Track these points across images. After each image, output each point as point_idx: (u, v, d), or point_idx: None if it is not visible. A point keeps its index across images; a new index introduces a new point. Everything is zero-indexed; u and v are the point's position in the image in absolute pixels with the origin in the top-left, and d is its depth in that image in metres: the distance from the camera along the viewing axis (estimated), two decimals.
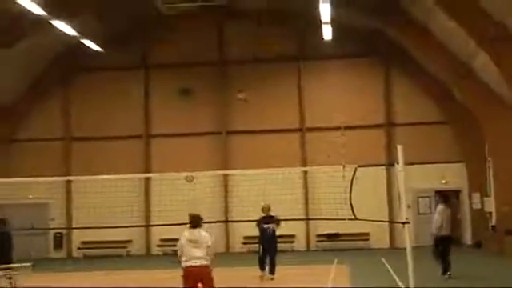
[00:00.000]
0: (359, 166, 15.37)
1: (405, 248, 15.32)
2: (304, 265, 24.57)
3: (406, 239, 15.29)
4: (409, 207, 16.83)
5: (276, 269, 18.89)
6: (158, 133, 32.08)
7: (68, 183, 31.08)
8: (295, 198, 27.84)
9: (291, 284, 18.61)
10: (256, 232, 19.37)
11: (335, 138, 30.00)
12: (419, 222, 29.60)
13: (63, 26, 25.49)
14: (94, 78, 32.56)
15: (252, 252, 29.20)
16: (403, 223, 15.55)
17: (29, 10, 22.95)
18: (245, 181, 26.57)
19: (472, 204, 29.84)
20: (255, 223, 19.07)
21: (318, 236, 30.80)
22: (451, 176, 30.37)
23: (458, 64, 25.65)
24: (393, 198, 29.99)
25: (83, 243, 31.58)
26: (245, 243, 28.97)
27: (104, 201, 23.09)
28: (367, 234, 29.97)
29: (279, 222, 19.02)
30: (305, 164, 30.48)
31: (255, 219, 19.19)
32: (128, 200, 27.08)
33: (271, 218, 18.95)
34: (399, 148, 15.64)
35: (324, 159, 27.06)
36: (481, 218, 28.90)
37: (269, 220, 18.90)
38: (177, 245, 11.49)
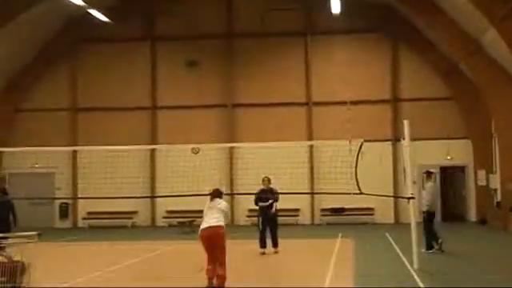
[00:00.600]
0: (365, 141, 15.40)
1: (409, 223, 15.39)
2: (309, 238, 24.67)
3: (411, 214, 15.36)
4: (414, 183, 16.83)
5: (279, 241, 18.94)
6: (164, 105, 32.03)
7: (74, 153, 31.20)
8: (301, 171, 27.87)
9: (296, 257, 18.70)
10: None
11: (341, 113, 30.05)
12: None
13: None
14: (101, 48, 32.48)
15: (256, 225, 29.38)
16: (408, 198, 15.63)
17: None
18: (250, 154, 26.67)
19: (477, 180, 29.84)
20: (254, 198, 19.06)
21: (323, 210, 30.87)
22: (457, 152, 30.32)
23: (467, 40, 25.47)
24: (398, 174, 30.00)
25: (89, 213, 31.74)
26: (249, 216, 29.04)
27: (110, 171, 23.16)
28: (372, 208, 30.04)
29: (277, 197, 18.96)
30: (311, 138, 30.46)
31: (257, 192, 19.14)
32: (134, 171, 27.27)
33: (270, 191, 18.91)
34: (405, 123, 15.65)
35: (330, 133, 27.08)
36: (486, 195, 28.92)
37: (267, 193, 18.85)
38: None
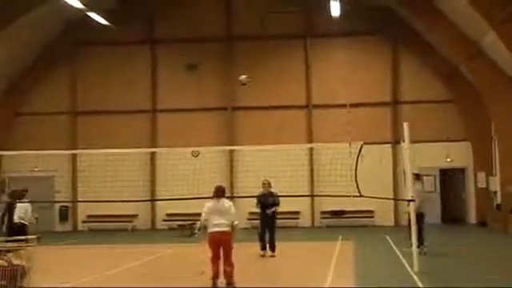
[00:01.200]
0: (365, 144, 15.40)
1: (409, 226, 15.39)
2: (309, 241, 24.67)
3: (411, 217, 15.36)
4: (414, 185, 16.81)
5: (276, 246, 18.95)
6: (164, 108, 32.05)
7: (74, 156, 31.20)
8: (300, 174, 27.85)
9: (296, 259, 18.69)
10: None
11: (341, 116, 30.06)
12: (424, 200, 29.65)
13: None
14: (101, 51, 32.48)
15: (256, 228, 29.34)
16: (408, 201, 15.63)
17: None
18: (250, 156, 26.69)
19: (477, 183, 29.84)
20: (256, 202, 19.11)
21: (323, 213, 30.87)
22: (456, 154, 30.32)
23: (467, 43, 25.49)
24: (398, 176, 30.00)
25: (88, 217, 31.72)
26: (249, 219, 29.01)
27: (110, 175, 23.16)
28: (372, 211, 30.04)
29: (278, 202, 18.98)
30: (311, 141, 30.47)
31: (277, 192, 19.16)
32: (134, 174, 27.23)
33: (271, 194, 18.94)
34: (405, 126, 15.66)
35: (330, 136, 27.04)
36: (486, 197, 28.93)
37: (268, 198, 18.89)
38: (202, 214, 13.30)
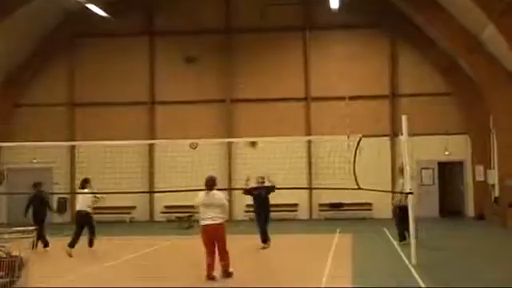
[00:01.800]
0: (363, 136, 15.40)
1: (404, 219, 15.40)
2: (307, 234, 24.70)
3: (410, 209, 15.38)
4: (412, 178, 16.83)
5: (273, 238, 18.96)
6: (163, 100, 32.02)
7: (72, 148, 31.18)
8: (299, 166, 27.89)
9: (294, 252, 18.72)
10: None
11: (340, 108, 30.06)
12: (422, 192, 29.74)
13: None
14: (99, 43, 32.43)
15: (254, 220, 29.40)
16: (407, 193, 15.64)
17: None
18: (248, 149, 26.69)
19: (475, 176, 29.87)
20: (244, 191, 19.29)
21: (321, 205, 30.90)
22: (455, 148, 30.33)
23: (466, 36, 25.49)
24: (396, 169, 29.99)
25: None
26: (247, 211, 29.07)
27: (108, 166, 23.16)
28: (370, 203, 30.04)
29: (272, 189, 18.95)
30: (309, 133, 30.46)
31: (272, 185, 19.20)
32: (132, 166, 27.20)
33: (265, 187, 18.96)
34: (403, 119, 15.65)
35: (328, 129, 27.07)
36: (484, 190, 28.95)
37: (262, 189, 18.93)
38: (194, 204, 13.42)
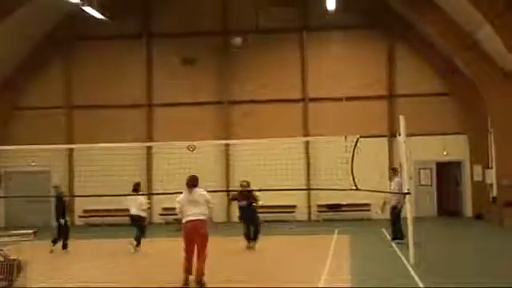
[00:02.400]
0: (361, 137, 15.40)
1: (405, 218, 15.42)
2: (305, 235, 24.72)
3: (407, 210, 15.40)
4: (410, 178, 16.88)
5: (272, 239, 19.09)
6: (160, 102, 32.02)
7: (70, 151, 31.18)
8: (297, 168, 27.82)
9: (292, 253, 18.73)
10: (259, 201, 19.58)
11: (337, 109, 30.13)
12: (420, 193, 29.78)
13: None
14: (96, 46, 32.41)
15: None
16: (404, 194, 15.67)
17: None
18: (246, 150, 26.67)
19: (473, 176, 29.89)
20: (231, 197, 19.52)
21: (319, 206, 30.91)
22: (453, 148, 30.36)
23: (463, 36, 25.52)
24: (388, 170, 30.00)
25: (85, 211, 31.68)
26: None
27: (106, 169, 23.15)
28: (368, 204, 30.04)
29: (255, 199, 19.26)
30: (307, 134, 30.48)
31: (257, 189, 19.35)
32: (130, 169, 27.23)
33: (248, 193, 19.17)
34: (401, 119, 15.67)
35: (326, 130, 27.10)
36: (482, 190, 28.98)
37: (245, 195, 19.14)
38: (176, 206, 12.90)
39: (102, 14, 29.10)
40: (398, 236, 19.29)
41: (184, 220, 12.63)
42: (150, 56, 32.45)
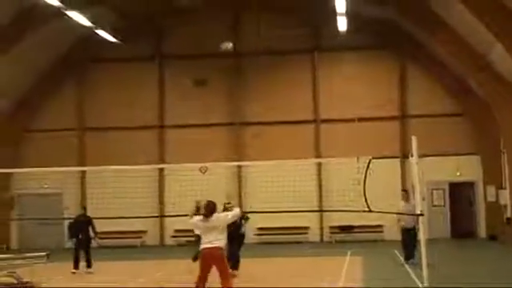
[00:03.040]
0: (373, 158, 15.32)
1: (419, 240, 15.30)
2: (317, 256, 24.58)
3: (421, 231, 15.27)
4: (423, 199, 16.78)
5: (277, 261, 18.81)
6: (172, 124, 32.11)
7: (82, 173, 31.25)
8: (309, 189, 27.80)
9: (305, 275, 18.63)
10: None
11: (349, 130, 30.08)
12: (433, 214, 29.58)
13: (78, 17, 25.54)
14: (109, 68, 32.59)
15: (265, 243, 29.33)
16: (417, 215, 15.55)
17: (43, 0, 23.01)
18: (258, 172, 26.64)
19: (487, 196, 29.70)
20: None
21: (332, 228, 30.78)
22: (466, 168, 30.23)
23: (475, 56, 25.45)
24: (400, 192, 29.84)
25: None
26: (258, 234, 29.03)
27: (118, 191, 23.17)
28: (381, 226, 29.86)
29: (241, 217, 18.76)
30: (319, 155, 30.42)
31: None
32: (142, 191, 27.26)
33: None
34: (413, 140, 15.59)
35: (338, 151, 27.03)
36: (495, 211, 28.76)
37: None
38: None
39: (115, 37, 29.39)
40: (412, 255, 19.48)
41: (204, 245, 12.30)
42: (162, 78, 32.61)
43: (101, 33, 28.59)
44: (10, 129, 31.57)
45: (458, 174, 30.17)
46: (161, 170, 30.66)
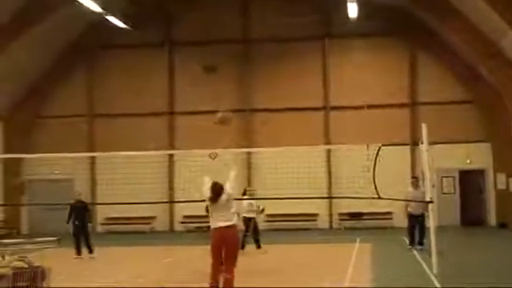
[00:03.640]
0: (383, 145, 15.31)
1: (428, 227, 15.30)
2: (326, 243, 24.62)
3: (430, 218, 15.28)
4: (433, 187, 16.75)
5: (293, 248, 19.02)
6: (182, 110, 32.13)
7: (92, 159, 31.35)
8: (318, 176, 27.79)
9: (314, 262, 18.67)
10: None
11: (359, 117, 29.99)
12: (443, 201, 29.50)
13: (88, 3, 25.54)
14: (119, 54, 32.60)
15: (274, 229, 29.37)
16: (427, 202, 15.55)
17: None
18: (267, 158, 26.65)
19: (497, 184, 29.63)
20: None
21: (341, 215, 30.79)
22: (476, 156, 30.13)
23: (487, 43, 25.32)
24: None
25: (107, 219, 31.84)
26: (267, 221, 29.06)
27: (128, 177, 23.24)
28: (390, 213, 29.83)
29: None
30: (328, 142, 30.38)
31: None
32: (152, 177, 27.35)
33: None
34: (423, 127, 15.57)
35: (348, 138, 26.95)
36: (506, 199, 28.70)
37: None
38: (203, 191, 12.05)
39: (125, 23, 29.37)
40: (421, 242, 19.84)
41: (212, 226, 11.80)
42: (171, 64, 32.60)
43: (111, 19, 28.57)
44: (21, 115, 31.74)
45: (468, 161, 30.07)
46: (170, 156, 30.70)
